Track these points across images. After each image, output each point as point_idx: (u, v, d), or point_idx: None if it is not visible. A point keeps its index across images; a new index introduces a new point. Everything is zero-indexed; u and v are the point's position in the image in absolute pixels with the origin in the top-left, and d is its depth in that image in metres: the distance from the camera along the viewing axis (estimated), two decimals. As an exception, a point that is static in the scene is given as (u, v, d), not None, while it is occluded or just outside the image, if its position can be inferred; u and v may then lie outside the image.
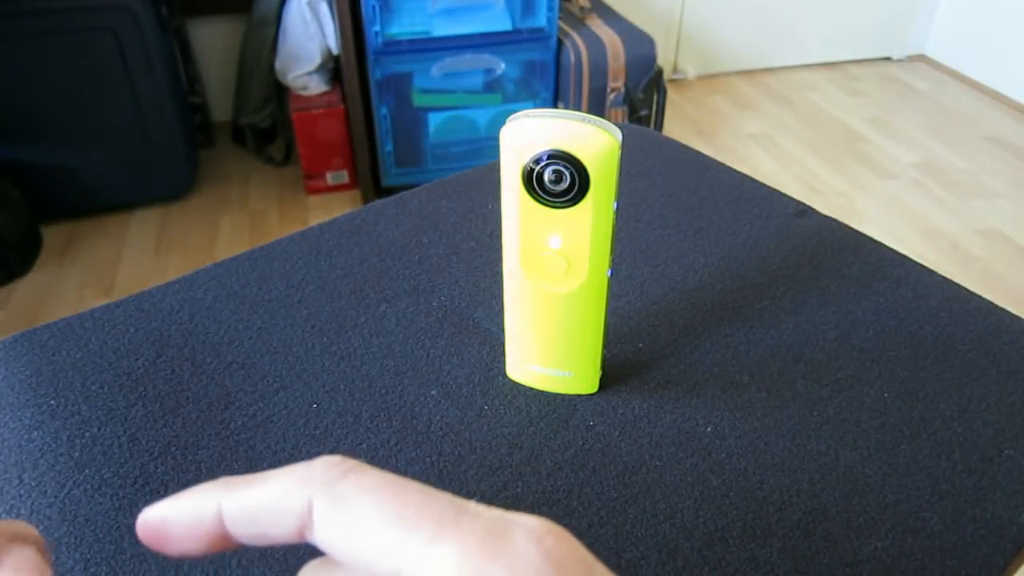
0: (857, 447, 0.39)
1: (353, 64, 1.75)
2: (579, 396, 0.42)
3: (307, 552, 0.34)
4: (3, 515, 0.36)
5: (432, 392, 0.42)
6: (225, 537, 0.18)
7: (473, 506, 0.16)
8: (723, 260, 0.52)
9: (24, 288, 1.72)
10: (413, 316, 0.47)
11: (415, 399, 0.42)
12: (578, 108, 1.88)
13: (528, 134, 0.33)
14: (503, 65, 1.82)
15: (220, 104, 2.27)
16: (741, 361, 0.44)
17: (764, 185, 0.61)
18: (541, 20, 1.79)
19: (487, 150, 1.92)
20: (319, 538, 0.17)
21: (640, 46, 1.86)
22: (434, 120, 1.86)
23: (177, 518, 0.18)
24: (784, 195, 0.59)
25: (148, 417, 0.40)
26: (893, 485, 0.37)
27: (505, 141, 0.34)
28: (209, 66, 2.23)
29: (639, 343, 0.45)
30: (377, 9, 1.67)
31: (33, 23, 1.66)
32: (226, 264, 0.52)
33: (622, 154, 0.33)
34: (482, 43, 1.77)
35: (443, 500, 0.16)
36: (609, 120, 0.33)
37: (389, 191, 1.89)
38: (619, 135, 0.33)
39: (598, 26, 1.89)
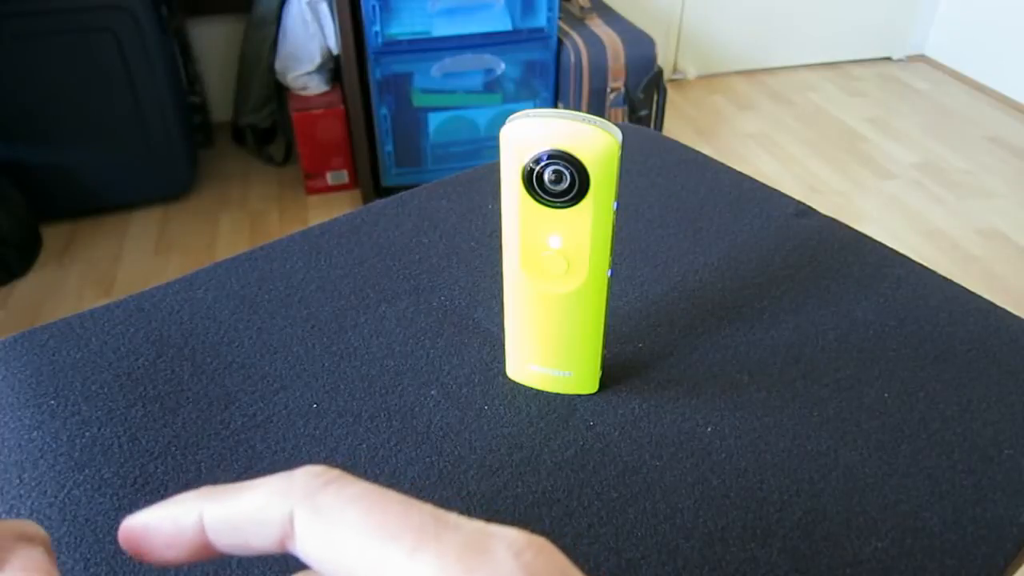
0: (857, 447, 0.39)
1: (353, 64, 1.75)
2: (579, 396, 0.42)
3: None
4: (4, 515, 0.36)
5: (432, 392, 0.42)
6: (206, 546, 0.18)
7: (454, 518, 0.16)
8: (723, 260, 0.52)
9: (24, 288, 1.72)
10: (413, 316, 0.47)
11: (415, 399, 0.42)
12: (578, 108, 1.88)
13: (528, 134, 0.33)
14: (503, 65, 1.82)
15: (220, 104, 2.27)
16: (741, 361, 0.44)
17: (764, 185, 0.61)
18: (541, 20, 1.79)
19: (487, 150, 1.92)
20: (300, 549, 0.17)
21: (640, 46, 1.86)
22: (434, 120, 1.86)
23: (158, 527, 0.18)
24: (784, 195, 0.59)
25: (148, 417, 0.40)
26: (893, 485, 0.37)
27: (505, 141, 0.34)
28: (209, 66, 2.23)
29: (639, 343, 0.45)
30: (377, 9, 1.66)
31: (33, 23, 1.66)
32: (226, 264, 0.52)
33: (622, 154, 0.33)
34: (482, 43, 1.77)
35: (424, 512, 0.16)
36: (609, 120, 0.33)
37: (389, 191, 1.89)
38: (619, 135, 0.33)
39: (598, 26, 1.89)
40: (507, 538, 0.16)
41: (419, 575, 0.15)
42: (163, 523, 0.18)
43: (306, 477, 0.17)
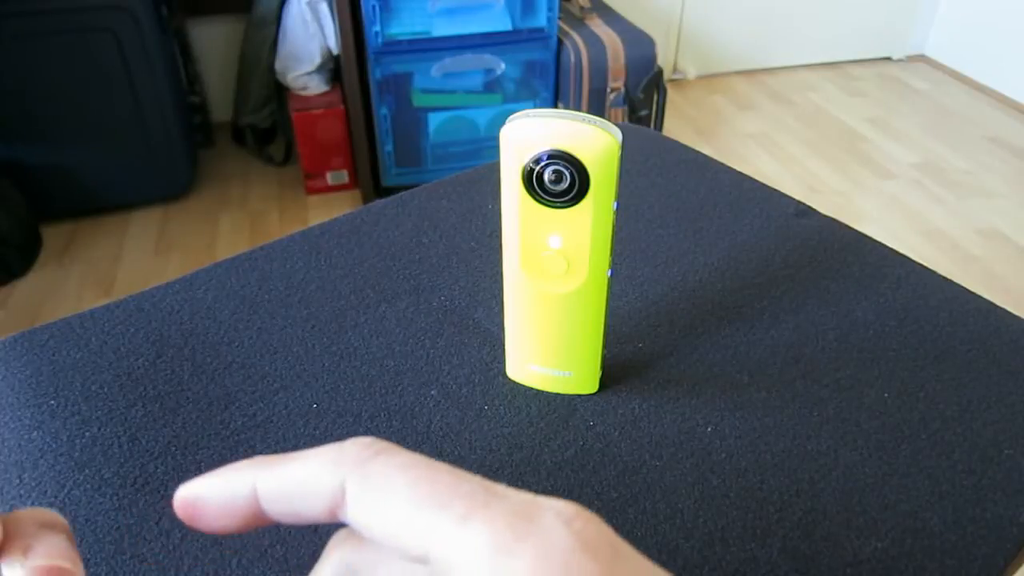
0: (857, 447, 0.39)
1: (353, 64, 1.75)
2: (579, 396, 0.42)
3: (310, 552, 0.34)
4: (3, 515, 0.36)
5: (432, 392, 0.42)
6: (259, 515, 0.19)
7: (502, 488, 0.16)
8: (723, 260, 0.52)
9: (24, 288, 1.72)
10: (413, 316, 0.47)
11: (415, 399, 0.42)
12: (578, 108, 1.88)
13: (528, 134, 0.33)
14: (503, 65, 1.82)
15: (220, 104, 2.27)
16: (741, 361, 0.44)
17: (764, 185, 0.61)
18: (541, 20, 1.79)
19: (487, 150, 1.92)
20: (351, 517, 0.17)
21: (640, 46, 1.86)
22: (434, 120, 1.86)
23: (212, 496, 0.19)
24: (784, 195, 0.59)
25: (148, 417, 0.40)
26: (893, 485, 0.37)
27: (505, 141, 0.34)
28: (209, 66, 2.23)
29: (639, 343, 0.45)
30: (377, 9, 1.66)
31: (33, 23, 1.66)
32: (226, 264, 0.52)
33: (622, 154, 0.33)
34: (482, 43, 1.77)
35: (473, 481, 0.16)
36: (609, 120, 0.33)
37: (389, 191, 1.89)
38: (619, 135, 0.33)
39: (598, 26, 1.89)
40: (556, 507, 0.16)
41: (469, 542, 0.15)
42: (217, 492, 0.19)
43: (356, 447, 0.17)
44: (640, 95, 1.88)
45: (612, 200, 0.34)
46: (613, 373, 0.43)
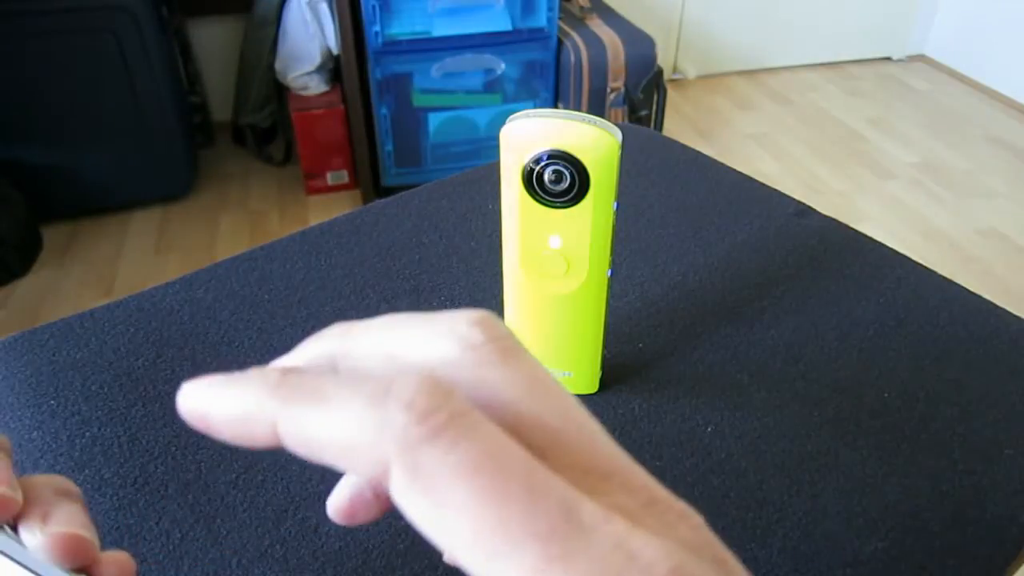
0: (857, 447, 0.39)
1: (353, 64, 1.75)
2: (579, 396, 0.42)
3: (310, 552, 0.34)
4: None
5: (432, 392, 0.42)
6: (278, 445, 0.16)
7: (589, 515, 0.13)
8: (723, 260, 0.52)
9: (24, 288, 1.72)
10: (413, 316, 0.47)
11: (415, 399, 0.41)
12: (578, 108, 1.88)
13: (528, 134, 0.33)
14: (503, 65, 1.82)
15: (220, 104, 2.27)
16: (741, 361, 0.44)
17: (764, 185, 0.61)
18: (541, 20, 1.79)
19: (487, 150, 1.92)
20: (398, 504, 0.14)
21: (640, 46, 1.86)
22: (434, 120, 1.86)
23: (223, 417, 0.16)
24: (784, 195, 0.59)
25: (148, 417, 0.40)
26: (893, 485, 0.37)
27: (505, 141, 0.34)
28: (209, 66, 2.23)
29: (639, 343, 0.45)
30: (377, 9, 1.66)
31: (33, 23, 1.66)
32: (226, 264, 0.52)
33: (622, 154, 0.33)
34: (482, 43, 1.77)
35: (551, 507, 0.13)
36: (609, 120, 0.33)
37: (389, 191, 1.89)
38: (619, 135, 0.33)
39: (598, 26, 1.89)
40: (652, 562, 0.13)
41: None
42: (229, 415, 0.16)
43: (405, 416, 0.13)
44: (640, 95, 1.88)
45: (612, 200, 0.34)
46: (613, 373, 0.43)
